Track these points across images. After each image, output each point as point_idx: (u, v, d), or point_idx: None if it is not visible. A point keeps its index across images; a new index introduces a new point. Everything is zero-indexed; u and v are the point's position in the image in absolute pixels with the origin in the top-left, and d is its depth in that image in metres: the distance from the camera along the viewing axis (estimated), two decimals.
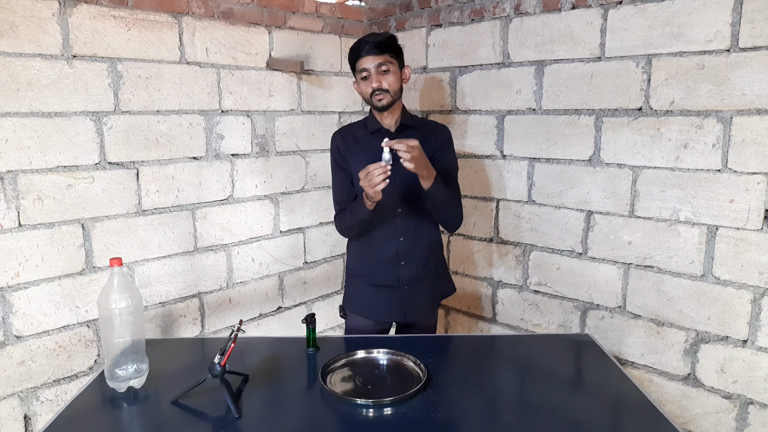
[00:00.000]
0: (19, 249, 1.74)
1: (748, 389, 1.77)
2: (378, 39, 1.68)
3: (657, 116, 1.86)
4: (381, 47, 1.68)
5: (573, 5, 2.02)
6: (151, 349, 1.43)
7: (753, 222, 1.70)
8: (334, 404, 1.29)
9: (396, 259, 1.80)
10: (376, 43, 1.67)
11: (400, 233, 1.78)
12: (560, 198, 2.16)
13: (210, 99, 2.19)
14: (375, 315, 1.85)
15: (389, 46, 1.71)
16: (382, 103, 1.71)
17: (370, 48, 1.67)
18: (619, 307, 2.04)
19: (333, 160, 1.84)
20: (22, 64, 1.69)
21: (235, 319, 2.36)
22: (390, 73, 1.70)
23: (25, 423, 1.81)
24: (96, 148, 1.89)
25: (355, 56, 1.72)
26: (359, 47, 1.70)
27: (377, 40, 1.68)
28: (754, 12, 1.64)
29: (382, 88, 1.69)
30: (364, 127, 1.82)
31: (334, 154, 1.83)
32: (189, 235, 2.19)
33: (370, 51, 1.67)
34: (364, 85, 1.73)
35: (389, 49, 1.70)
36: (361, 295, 1.87)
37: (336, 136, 1.84)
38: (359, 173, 1.55)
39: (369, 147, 1.74)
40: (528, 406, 1.35)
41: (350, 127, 1.88)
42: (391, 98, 1.72)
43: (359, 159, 1.74)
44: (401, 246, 1.80)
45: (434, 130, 1.85)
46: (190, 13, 2.08)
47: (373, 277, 1.83)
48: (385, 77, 1.70)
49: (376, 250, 1.81)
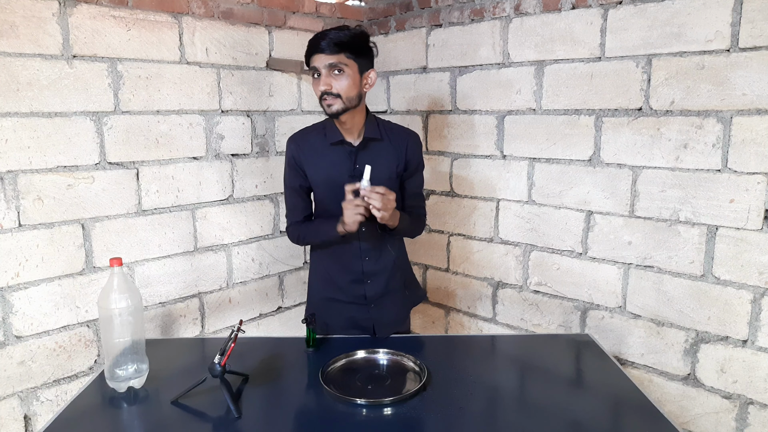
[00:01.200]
0: (19, 249, 1.75)
1: (748, 389, 1.77)
2: (336, 36, 1.46)
3: (657, 116, 1.86)
4: (338, 46, 1.46)
5: (573, 5, 2.02)
6: (151, 349, 1.43)
7: (753, 222, 1.70)
8: (334, 404, 1.29)
9: (362, 278, 1.69)
10: (332, 40, 1.46)
11: (365, 252, 1.67)
12: (560, 198, 2.16)
13: (210, 99, 2.19)
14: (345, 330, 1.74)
15: (348, 45, 1.48)
16: (331, 109, 1.51)
17: (325, 45, 1.46)
18: (619, 307, 2.04)
19: (287, 168, 1.68)
20: (22, 64, 1.69)
21: (235, 319, 2.36)
22: (343, 75, 1.49)
23: (25, 423, 1.81)
24: (96, 148, 1.89)
25: (308, 51, 1.51)
26: (314, 42, 1.49)
27: (334, 37, 1.46)
28: (754, 12, 1.64)
29: (331, 92, 1.49)
30: (323, 135, 1.62)
31: (289, 161, 1.66)
32: (189, 235, 2.19)
33: (323, 48, 1.46)
34: (316, 85, 1.53)
35: (347, 49, 1.48)
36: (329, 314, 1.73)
37: (290, 144, 1.66)
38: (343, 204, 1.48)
39: (328, 158, 1.60)
40: (528, 406, 1.35)
41: (307, 132, 1.67)
42: (343, 105, 1.50)
43: (318, 169, 1.62)
44: (366, 265, 1.68)
45: (405, 139, 1.68)
46: (190, 13, 2.08)
47: (340, 294, 1.72)
48: (336, 80, 1.48)
49: (341, 269, 1.70)
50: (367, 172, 1.46)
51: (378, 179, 1.50)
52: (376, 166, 1.51)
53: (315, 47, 1.49)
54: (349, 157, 1.61)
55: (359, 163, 1.58)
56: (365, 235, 1.65)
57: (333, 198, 1.58)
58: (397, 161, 1.66)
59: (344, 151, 1.61)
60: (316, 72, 1.52)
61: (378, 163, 1.55)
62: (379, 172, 1.54)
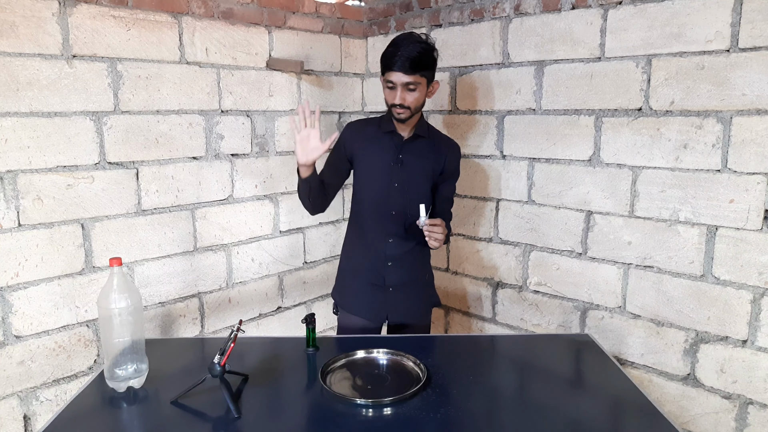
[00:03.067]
0: (18, 249, 1.74)
1: (747, 389, 1.77)
2: (412, 56, 1.60)
3: (657, 116, 1.86)
4: (415, 67, 1.62)
5: (573, 5, 2.02)
6: (150, 349, 1.43)
7: (753, 222, 1.71)
8: (334, 404, 1.29)
9: (384, 259, 1.82)
10: (410, 60, 1.60)
11: (390, 234, 1.80)
12: (560, 198, 2.16)
13: (210, 99, 2.19)
14: (359, 312, 1.86)
15: (423, 65, 1.64)
16: (400, 117, 1.70)
17: (403, 64, 1.61)
18: (618, 307, 2.04)
19: (336, 147, 1.83)
20: (22, 64, 1.69)
21: (235, 319, 2.36)
22: (416, 91, 1.67)
23: (25, 423, 1.81)
24: (96, 148, 1.89)
25: (386, 65, 1.67)
26: (393, 59, 1.63)
27: (412, 58, 1.60)
28: (753, 12, 1.64)
29: (405, 105, 1.67)
30: (378, 126, 1.82)
31: (340, 141, 1.82)
32: (189, 235, 2.18)
33: (401, 67, 1.61)
34: (388, 94, 1.70)
35: (422, 68, 1.64)
36: (348, 291, 1.89)
37: (348, 128, 1.85)
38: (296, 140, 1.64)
39: (379, 144, 1.79)
40: (528, 406, 1.35)
41: (364, 122, 1.88)
42: (410, 114, 1.70)
43: (367, 155, 1.79)
44: (389, 248, 1.81)
45: (448, 146, 1.87)
46: (190, 13, 2.08)
47: (361, 274, 1.86)
48: (410, 94, 1.66)
49: (366, 248, 1.84)
50: (422, 210, 1.63)
51: (416, 174, 1.77)
52: (417, 162, 1.77)
53: (394, 64, 1.63)
54: (396, 147, 1.79)
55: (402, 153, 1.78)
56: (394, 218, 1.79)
57: (371, 179, 1.80)
58: (436, 164, 1.83)
59: (393, 141, 1.79)
60: (391, 84, 1.67)
61: (419, 159, 1.79)
62: (419, 167, 1.78)
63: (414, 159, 1.78)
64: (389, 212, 1.78)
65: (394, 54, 1.63)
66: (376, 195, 1.79)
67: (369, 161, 1.79)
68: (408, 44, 1.62)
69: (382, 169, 1.78)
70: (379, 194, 1.79)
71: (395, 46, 1.64)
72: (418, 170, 1.79)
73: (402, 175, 1.77)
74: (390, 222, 1.79)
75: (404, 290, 1.86)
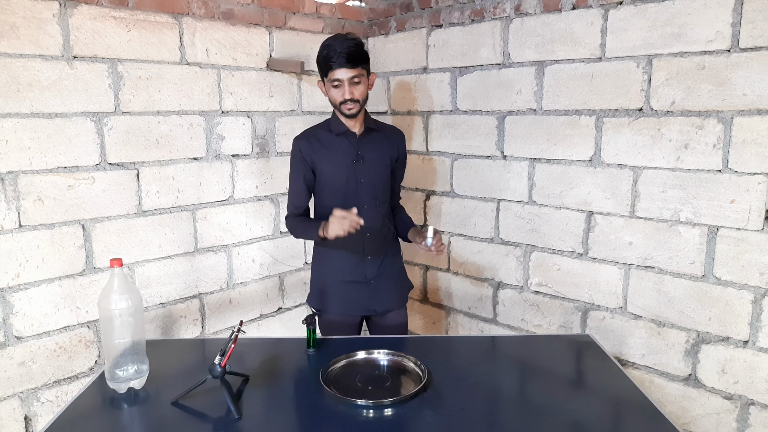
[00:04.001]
0: (19, 250, 1.75)
1: (749, 390, 1.77)
2: (351, 50, 1.68)
3: (657, 116, 1.86)
4: (357, 60, 1.70)
5: (573, 6, 2.02)
6: (151, 350, 1.43)
7: (754, 222, 1.70)
8: (334, 405, 1.29)
9: (363, 254, 1.86)
10: (349, 55, 1.68)
11: (366, 230, 1.80)
12: (561, 198, 2.16)
13: (210, 100, 2.19)
14: (348, 310, 1.89)
15: (363, 58, 1.73)
16: (351, 112, 1.75)
17: (344, 60, 1.68)
18: (619, 307, 2.04)
19: (295, 164, 1.86)
20: (23, 65, 1.69)
21: (236, 320, 2.36)
22: (361, 84, 1.74)
23: (26, 424, 1.81)
24: (96, 149, 1.89)
25: (327, 65, 1.71)
26: (332, 57, 1.69)
27: (351, 52, 1.68)
28: (754, 12, 1.63)
29: (354, 98, 1.73)
30: (329, 130, 1.85)
31: (296, 157, 1.84)
32: (189, 235, 2.19)
33: (344, 63, 1.68)
34: (335, 93, 1.74)
35: (363, 61, 1.72)
36: (331, 293, 1.90)
37: (300, 141, 1.85)
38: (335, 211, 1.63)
39: (335, 148, 1.82)
40: (528, 406, 1.34)
41: (312, 130, 1.89)
42: (360, 107, 1.76)
43: (327, 160, 1.82)
44: (367, 242, 1.86)
45: (396, 135, 1.97)
46: (190, 14, 2.08)
47: (341, 274, 1.88)
48: (357, 88, 1.73)
49: (344, 245, 1.83)
50: (431, 232, 1.73)
51: (377, 167, 1.86)
52: (375, 155, 1.85)
53: (334, 61, 1.68)
54: (352, 145, 1.83)
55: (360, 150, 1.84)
56: (366, 212, 1.80)
57: (336, 181, 1.83)
58: (392, 152, 1.93)
59: (348, 141, 1.83)
60: (337, 82, 1.72)
61: (376, 152, 1.86)
62: (378, 159, 1.86)
63: (371, 153, 1.85)
64: (362, 207, 1.78)
65: (332, 53, 1.68)
66: (343, 194, 1.83)
67: (331, 165, 1.82)
68: (341, 42, 1.69)
69: (346, 170, 1.82)
70: (346, 194, 1.83)
71: (329, 47, 1.70)
72: (378, 162, 1.86)
73: (364, 171, 1.83)
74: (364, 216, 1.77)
75: (384, 280, 1.91)
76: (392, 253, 1.97)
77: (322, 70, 1.75)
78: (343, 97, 1.73)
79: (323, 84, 1.79)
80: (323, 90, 1.80)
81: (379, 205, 1.88)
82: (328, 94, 1.78)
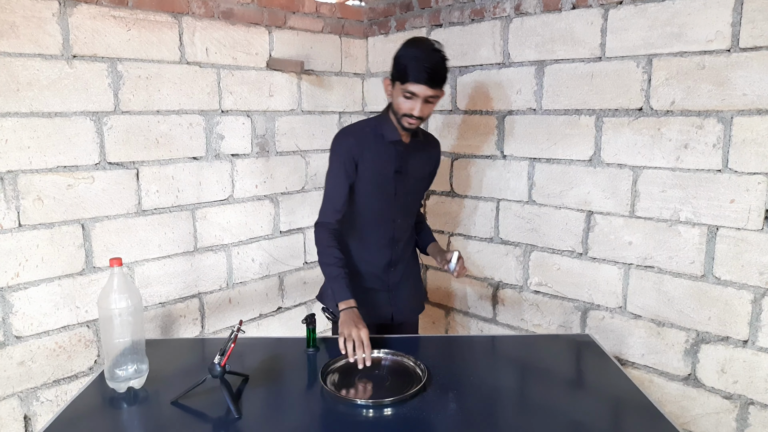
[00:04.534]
0: (19, 249, 1.74)
1: (748, 389, 1.77)
2: (438, 69, 1.56)
3: (657, 116, 1.86)
4: (440, 81, 1.58)
5: (573, 5, 2.02)
6: (151, 350, 1.43)
7: (753, 222, 1.70)
8: (334, 405, 1.29)
9: (388, 265, 1.81)
10: (436, 74, 1.55)
11: (395, 241, 1.79)
12: (560, 198, 2.16)
13: (210, 99, 2.19)
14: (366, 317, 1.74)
15: (445, 78, 1.61)
16: (412, 127, 1.65)
17: (428, 79, 1.54)
18: (619, 307, 2.04)
19: (340, 163, 1.68)
20: (22, 64, 1.69)
21: (235, 320, 2.36)
22: (433, 104, 1.63)
23: (25, 423, 1.81)
24: (96, 148, 1.89)
25: (409, 74, 1.55)
26: (419, 72, 1.54)
27: (438, 72, 1.56)
28: (754, 12, 1.63)
29: (421, 117, 1.61)
30: (380, 134, 1.71)
31: (343, 154, 1.67)
32: (189, 235, 2.18)
33: (427, 81, 1.55)
34: (404, 103, 1.60)
35: (444, 81, 1.61)
36: None
37: (349, 138, 1.70)
38: (360, 334, 1.46)
39: (381, 155, 1.70)
40: (528, 406, 1.34)
41: (361, 129, 1.74)
42: (420, 124, 1.67)
43: (371, 167, 1.69)
44: (395, 254, 1.81)
45: (434, 145, 1.90)
46: (190, 13, 2.07)
47: (364, 280, 1.79)
48: (427, 107, 1.61)
49: (371, 256, 1.79)
50: (455, 258, 1.69)
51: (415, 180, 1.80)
52: (415, 169, 1.77)
53: (420, 78, 1.54)
54: (397, 155, 1.73)
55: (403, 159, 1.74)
56: (398, 226, 1.78)
57: (374, 193, 1.73)
58: (430, 165, 1.87)
59: (394, 149, 1.73)
60: (410, 94, 1.57)
61: (417, 165, 1.78)
62: (417, 173, 1.80)
63: (412, 166, 1.76)
64: (393, 221, 1.76)
65: (420, 66, 1.54)
66: (378, 206, 1.74)
67: (372, 172, 1.70)
68: (432, 55, 1.56)
69: (386, 181, 1.72)
70: (381, 205, 1.74)
71: (417, 58, 1.55)
72: (416, 175, 1.80)
73: (403, 184, 1.75)
74: (394, 230, 1.78)
75: (404, 289, 1.88)
76: (413, 264, 1.95)
77: (400, 74, 1.58)
78: (411, 111, 1.59)
79: (391, 84, 1.64)
80: (388, 90, 1.66)
81: (410, 217, 1.84)
82: (393, 98, 1.64)
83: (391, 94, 1.66)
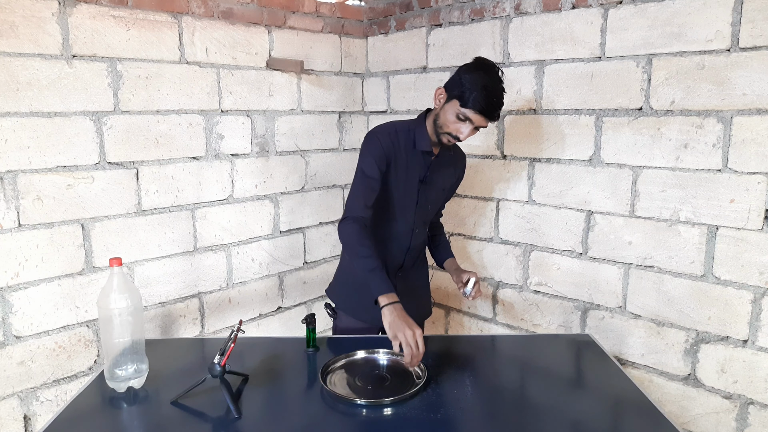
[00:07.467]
0: (18, 249, 1.74)
1: (748, 389, 1.77)
2: (499, 106, 1.55)
3: (657, 116, 1.86)
4: (498, 117, 1.58)
5: (573, 5, 2.02)
6: (150, 350, 1.43)
7: (753, 222, 1.70)
8: (334, 404, 1.29)
9: (397, 270, 1.81)
10: (498, 113, 1.56)
11: (410, 248, 1.79)
12: (560, 198, 2.16)
13: (210, 99, 2.19)
14: (371, 319, 1.79)
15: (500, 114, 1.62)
16: (449, 144, 1.64)
17: (493, 113, 1.54)
18: (619, 307, 2.04)
19: (372, 158, 1.61)
20: (22, 64, 1.69)
21: (235, 319, 2.36)
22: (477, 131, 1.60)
23: (25, 423, 1.81)
24: (96, 148, 1.89)
25: (471, 102, 1.51)
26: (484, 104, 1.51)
27: (499, 111, 1.56)
28: (754, 12, 1.63)
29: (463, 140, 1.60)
30: (412, 140, 1.67)
31: (377, 152, 1.61)
32: (189, 235, 2.18)
33: (489, 114, 1.53)
34: (452, 122, 1.56)
35: None
36: (357, 298, 1.80)
37: (383, 137, 1.64)
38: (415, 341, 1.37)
39: (409, 162, 1.67)
40: (528, 406, 1.34)
41: (395, 131, 1.67)
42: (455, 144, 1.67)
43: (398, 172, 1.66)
44: (407, 260, 1.81)
45: (461, 158, 1.86)
46: (189, 13, 2.07)
47: None
48: (473, 133, 1.59)
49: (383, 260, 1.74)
50: (471, 282, 1.68)
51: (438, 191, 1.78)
52: (439, 180, 1.76)
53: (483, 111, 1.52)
54: (426, 163, 1.70)
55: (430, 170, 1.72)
56: (416, 235, 1.77)
57: (398, 199, 1.69)
58: (453, 179, 1.86)
59: (424, 158, 1.70)
60: (465, 118, 1.54)
61: (442, 177, 1.77)
62: (441, 184, 1.78)
63: (437, 177, 1.75)
64: (411, 230, 1.76)
65: (487, 97, 1.51)
66: (398, 213, 1.72)
67: (398, 178, 1.67)
68: (498, 88, 1.54)
69: (410, 189, 1.70)
70: (401, 213, 1.72)
71: (486, 88, 1.51)
72: (439, 187, 1.78)
73: (425, 194, 1.74)
74: (411, 239, 1.78)
75: (411, 295, 1.82)
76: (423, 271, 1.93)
77: (461, 95, 1.52)
78: (458, 134, 1.56)
79: (445, 97, 1.58)
80: (438, 100, 1.61)
81: (427, 226, 1.84)
82: (442, 112, 1.59)
83: (441, 105, 1.60)
